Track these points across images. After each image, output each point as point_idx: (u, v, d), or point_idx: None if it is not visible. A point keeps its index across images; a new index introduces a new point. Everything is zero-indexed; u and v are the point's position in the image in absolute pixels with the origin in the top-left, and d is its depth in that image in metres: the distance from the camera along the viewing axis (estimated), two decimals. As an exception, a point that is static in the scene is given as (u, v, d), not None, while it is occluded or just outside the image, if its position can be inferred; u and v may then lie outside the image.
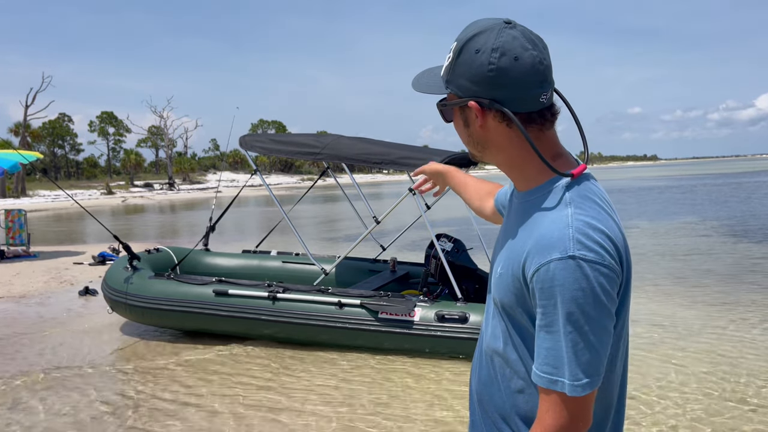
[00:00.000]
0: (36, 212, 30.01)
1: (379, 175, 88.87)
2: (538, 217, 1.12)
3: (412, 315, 5.18)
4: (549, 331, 1.05)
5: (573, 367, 1.03)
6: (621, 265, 1.08)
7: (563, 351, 1.04)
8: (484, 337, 1.29)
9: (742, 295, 7.45)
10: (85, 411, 4.33)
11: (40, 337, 6.30)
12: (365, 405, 4.35)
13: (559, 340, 1.04)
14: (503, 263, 1.18)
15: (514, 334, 1.18)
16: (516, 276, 1.12)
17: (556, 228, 1.07)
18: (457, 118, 1.21)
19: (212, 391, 4.66)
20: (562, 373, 1.04)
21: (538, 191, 1.16)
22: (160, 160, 79.85)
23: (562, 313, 1.03)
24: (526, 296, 1.11)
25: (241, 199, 32.63)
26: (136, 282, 5.96)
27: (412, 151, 6.03)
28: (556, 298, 1.03)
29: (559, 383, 1.04)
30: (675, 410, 4.12)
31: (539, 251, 1.06)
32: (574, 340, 1.03)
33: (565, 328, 1.03)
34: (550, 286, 1.03)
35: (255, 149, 6.46)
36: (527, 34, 1.11)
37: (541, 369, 1.07)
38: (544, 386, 1.07)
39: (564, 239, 1.04)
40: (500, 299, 1.18)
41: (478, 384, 1.30)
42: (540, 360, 1.07)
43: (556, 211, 1.10)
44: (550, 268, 1.03)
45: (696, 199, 25.24)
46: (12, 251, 12.41)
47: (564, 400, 1.05)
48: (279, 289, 5.59)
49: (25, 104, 51.64)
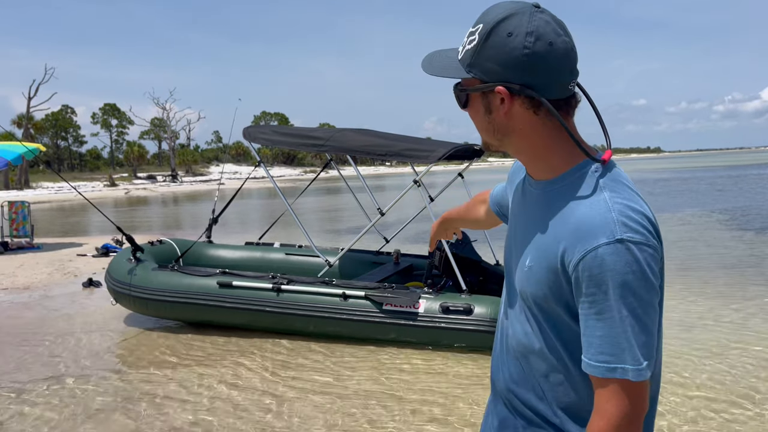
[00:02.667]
0: (39, 204, 30.05)
1: (382, 167, 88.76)
2: (572, 204, 1.09)
3: (417, 306, 5.17)
4: (601, 318, 1.03)
5: (634, 352, 1.01)
6: (660, 244, 1.08)
7: (621, 336, 1.01)
8: (511, 336, 1.25)
9: (748, 288, 7.42)
10: (88, 402, 4.33)
11: (44, 329, 6.31)
12: (367, 396, 4.34)
13: (614, 326, 1.01)
14: (532, 256, 1.14)
15: (547, 328, 1.15)
16: (552, 267, 1.09)
17: (596, 213, 1.05)
18: (476, 104, 1.16)
19: (215, 383, 4.66)
20: (622, 360, 1.01)
21: (565, 178, 1.14)
22: (163, 152, 79.87)
23: (616, 298, 1.01)
24: (564, 287, 1.08)
25: (243, 191, 32.62)
26: (140, 273, 5.96)
27: (415, 143, 6.00)
28: (607, 284, 1.01)
29: (619, 370, 1.02)
30: (680, 401, 4.11)
31: (582, 238, 1.04)
32: (632, 323, 1.01)
33: (620, 313, 1.01)
34: (599, 273, 1.01)
35: (259, 141, 6.44)
36: (557, 19, 1.09)
37: (595, 359, 1.04)
38: (602, 375, 1.03)
39: (608, 223, 1.02)
40: (532, 293, 1.15)
41: (508, 383, 1.26)
42: (593, 349, 1.04)
43: (591, 196, 1.08)
44: (599, 254, 1.01)
45: (699, 191, 25.17)
46: (16, 243, 12.43)
47: (625, 387, 1.03)
48: (283, 280, 5.59)
49: (27, 96, 51.67)
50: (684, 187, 29.51)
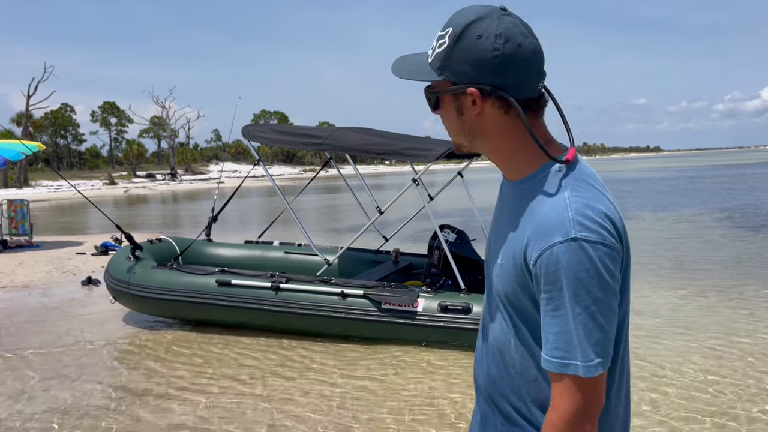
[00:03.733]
0: (38, 202, 30.04)
1: (381, 166, 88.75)
2: (535, 203, 1.12)
3: (415, 306, 5.17)
4: (556, 315, 1.05)
5: (585, 348, 1.03)
6: (621, 243, 1.08)
7: (573, 333, 1.04)
8: (490, 332, 1.27)
9: (746, 287, 7.43)
10: (88, 400, 4.33)
11: (43, 328, 6.31)
12: (366, 395, 4.35)
13: (567, 323, 1.04)
14: (504, 253, 1.17)
15: (520, 324, 1.17)
16: (518, 264, 1.12)
17: (555, 212, 1.07)
18: (448, 106, 1.18)
19: (214, 382, 4.66)
20: (574, 356, 1.04)
21: (532, 179, 1.17)
22: (163, 150, 79.84)
23: (569, 295, 1.03)
24: (530, 283, 1.11)
25: (243, 190, 32.63)
26: (139, 272, 5.96)
27: (414, 141, 6.00)
28: (561, 281, 1.03)
29: (572, 366, 1.04)
30: (679, 401, 4.11)
31: (540, 236, 1.06)
32: (584, 321, 1.03)
33: (573, 310, 1.03)
34: (554, 270, 1.04)
35: (258, 139, 6.44)
36: (523, 22, 1.13)
37: (550, 354, 1.07)
38: (556, 371, 1.06)
39: (564, 222, 1.05)
40: (503, 290, 1.17)
41: (486, 379, 1.28)
42: (549, 345, 1.07)
43: (553, 196, 1.11)
44: (554, 252, 1.04)
45: (709, 190, 25.18)
46: (15, 241, 12.43)
47: (577, 382, 1.05)
48: (282, 279, 5.59)
49: (27, 94, 51.59)
50: (691, 185, 29.51)
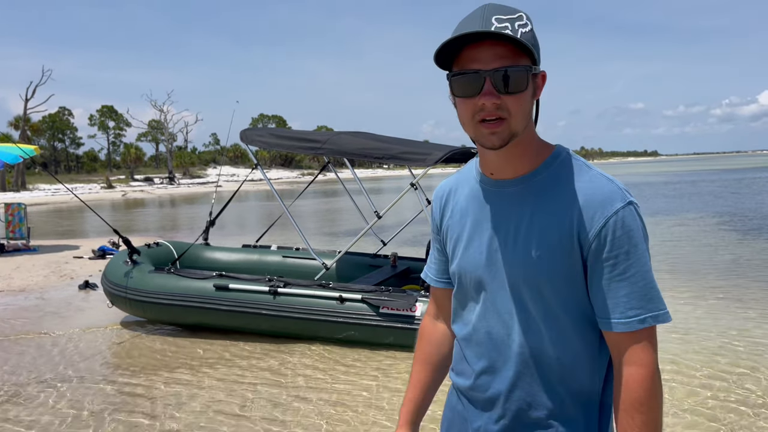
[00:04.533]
0: (36, 206, 29.99)
1: (380, 170, 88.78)
2: (570, 186, 1.16)
3: (414, 310, 5.16)
4: (624, 278, 1.11)
5: (660, 297, 1.13)
6: None
7: (648, 287, 1.12)
8: (514, 340, 1.21)
9: (746, 291, 7.43)
10: (84, 406, 4.31)
11: (40, 332, 6.28)
12: (365, 399, 4.33)
13: (637, 281, 1.11)
14: (537, 246, 1.16)
15: (560, 312, 1.18)
16: (565, 246, 1.14)
17: (602, 185, 1.14)
18: (530, 87, 1.13)
19: (212, 386, 4.65)
20: (652, 308, 1.12)
21: (547, 167, 1.20)
22: (161, 154, 79.81)
23: (638, 254, 1.11)
24: (576, 263, 1.14)
25: (241, 194, 32.57)
26: (136, 276, 5.95)
27: (413, 146, 6.00)
28: (629, 243, 1.11)
29: (649, 318, 1.12)
30: (680, 407, 4.11)
31: (598, 207, 1.12)
32: (651, 275, 1.13)
33: (644, 267, 1.12)
34: (622, 234, 1.10)
35: (256, 143, 6.44)
36: None
37: (626, 315, 1.12)
38: (635, 328, 1.11)
39: (616, 191, 1.13)
40: (545, 281, 1.15)
41: (509, 391, 1.23)
42: (620, 308, 1.12)
43: (585, 173, 1.17)
44: (619, 217, 1.11)
45: (714, 193, 25.22)
46: (12, 245, 12.40)
47: (652, 333, 1.13)
48: (280, 283, 5.58)
49: (25, 98, 51.59)
50: (693, 189, 29.57)
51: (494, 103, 1.10)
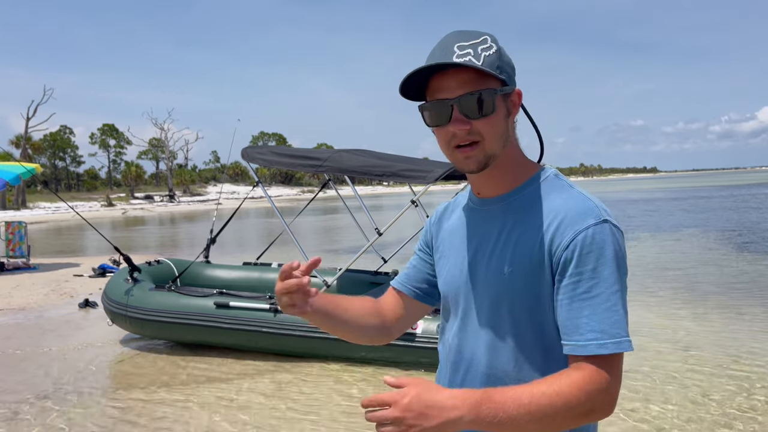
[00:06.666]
0: (36, 224, 30.00)
1: (380, 187, 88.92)
2: (548, 203, 1.15)
3: (415, 327, 5.15)
4: (586, 297, 1.06)
5: (624, 323, 1.06)
6: None
7: (611, 311, 1.05)
8: (480, 359, 1.21)
9: (745, 307, 7.41)
10: (84, 425, 4.28)
11: (39, 350, 6.26)
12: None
13: (600, 302, 1.06)
14: (510, 260, 1.15)
15: (525, 325, 1.14)
16: (534, 262, 1.11)
17: (578, 202, 1.12)
18: (501, 107, 1.14)
19: (212, 403, 4.62)
20: (616, 333, 1.05)
21: (530, 184, 1.20)
22: (161, 172, 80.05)
23: (605, 274, 1.06)
24: (545, 279, 1.11)
25: (241, 211, 32.59)
26: (137, 294, 5.94)
27: (413, 163, 6.02)
28: (597, 261, 1.06)
29: (611, 344, 1.04)
30: (676, 418, 4.08)
31: (571, 222, 1.09)
32: (620, 297, 1.07)
33: (610, 288, 1.06)
34: (590, 251, 1.06)
35: (257, 161, 6.46)
36: None
37: (585, 338, 1.05)
38: (593, 353, 1.04)
39: (592, 208, 1.10)
40: (519, 297, 1.14)
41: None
42: (581, 330, 1.06)
43: (564, 192, 1.16)
44: (589, 233, 1.07)
45: (693, 211, 25.23)
46: (12, 263, 12.38)
47: (614, 361, 1.05)
48: (280, 301, 5.55)
49: (26, 116, 51.90)
50: (707, 204, 29.57)
51: (464, 129, 1.11)
